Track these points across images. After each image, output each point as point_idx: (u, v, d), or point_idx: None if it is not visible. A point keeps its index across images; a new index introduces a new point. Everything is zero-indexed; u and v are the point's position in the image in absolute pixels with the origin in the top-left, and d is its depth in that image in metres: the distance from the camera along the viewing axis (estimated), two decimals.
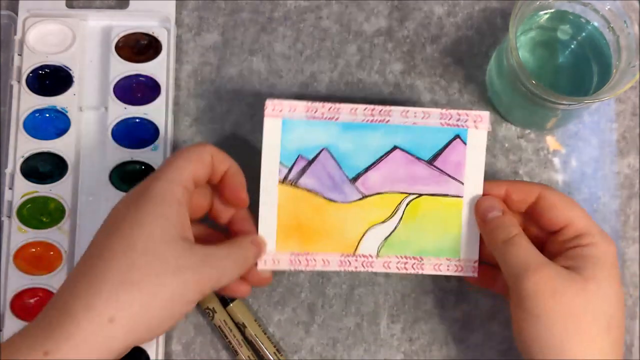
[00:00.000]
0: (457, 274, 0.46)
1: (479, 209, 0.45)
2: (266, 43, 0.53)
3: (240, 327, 0.49)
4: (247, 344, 0.49)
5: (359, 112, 0.45)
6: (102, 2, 0.54)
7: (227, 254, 0.41)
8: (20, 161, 0.50)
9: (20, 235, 0.49)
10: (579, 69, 0.48)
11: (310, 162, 0.45)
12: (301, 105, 0.44)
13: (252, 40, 0.53)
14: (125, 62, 0.51)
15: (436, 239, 0.46)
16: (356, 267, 0.46)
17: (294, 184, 0.45)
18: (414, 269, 0.46)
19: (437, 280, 0.50)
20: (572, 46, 0.48)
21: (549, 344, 0.39)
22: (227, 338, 0.49)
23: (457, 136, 0.45)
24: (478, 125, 0.45)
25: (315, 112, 0.45)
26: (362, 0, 0.53)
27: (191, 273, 0.38)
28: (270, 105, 0.44)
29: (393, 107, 0.45)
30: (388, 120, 0.45)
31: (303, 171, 0.45)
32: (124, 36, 0.51)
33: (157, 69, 0.51)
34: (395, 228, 0.46)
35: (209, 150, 0.43)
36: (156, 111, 0.51)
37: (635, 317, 0.50)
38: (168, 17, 0.52)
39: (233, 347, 0.48)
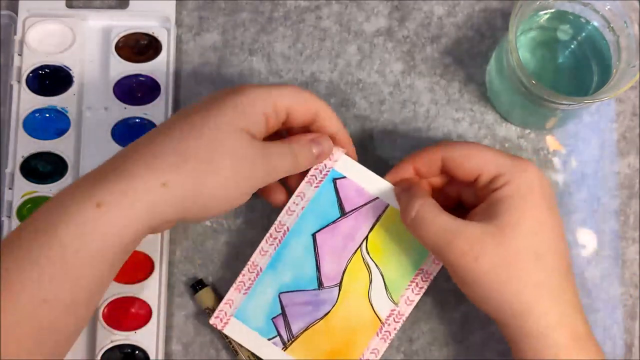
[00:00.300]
0: None
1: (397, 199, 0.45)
2: (266, 43, 0.53)
3: None
4: None
5: (266, 247, 0.46)
6: (102, 2, 0.54)
7: (280, 150, 0.42)
8: (20, 161, 0.50)
9: None
10: (579, 69, 0.48)
11: (284, 313, 0.46)
12: (232, 295, 0.46)
13: (252, 40, 0.53)
14: (125, 62, 0.51)
15: (412, 247, 0.46)
16: (395, 328, 0.46)
17: (293, 339, 0.46)
18: (424, 280, 0.47)
19: (437, 281, 0.50)
20: (572, 46, 0.48)
21: (487, 299, 0.40)
22: (227, 338, 0.48)
23: (334, 179, 0.46)
24: (335, 159, 0.46)
25: (244, 285, 0.46)
26: (362, 0, 0.53)
27: (247, 164, 0.39)
28: (216, 320, 0.46)
29: (279, 217, 0.46)
30: (287, 228, 0.46)
31: (287, 324, 0.46)
32: (124, 36, 0.51)
33: (157, 69, 0.51)
34: (382, 275, 0.47)
35: (314, 98, 0.43)
36: (156, 111, 0.51)
37: (635, 317, 0.50)
38: (168, 17, 0.52)
39: (233, 347, 0.48)
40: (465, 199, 0.45)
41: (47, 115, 0.50)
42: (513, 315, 0.40)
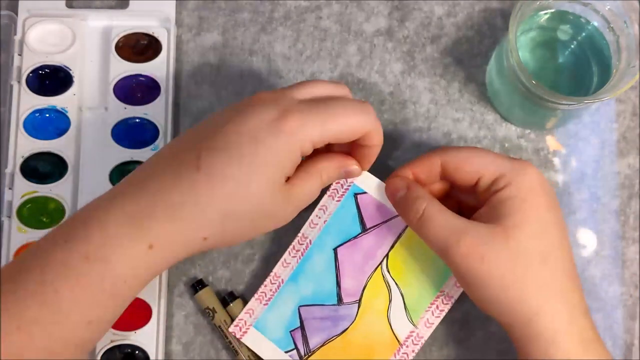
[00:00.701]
0: None
1: (387, 195, 0.45)
2: (266, 43, 0.53)
3: None
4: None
5: (288, 259, 0.46)
6: (102, 2, 0.54)
7: (312, 180, 0.41)
8: (20, 161, 0.50)
9: (20, 235, 0.49)
10: (579, 69, 0.48)
11: (302, 327, 0.46)
12: (253, 305, 0.46)
13: (252, 40, 0.53)
14: (125, 62, 0.51)
15: (433, 267, 0.46)
16: (413, 350, 0.46)
17: (310, 352, 0.46)
18: (445, 302, 0.46)
19: None
20: (572, 46, 0.48)
21: (493, 301, 0.40)
22: (227, 338, 0.48)
23: (355, 195, 0.46)
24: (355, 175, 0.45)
25: (265, 296, 0.46)
26: (362, 0, 0.53)
27: (276, 213, 0.40)
28: (235, 329, 0.46)
29: (302, 230, 0.46)
30: (310, 241, 0.46)
31: (305, 338, 0.46)
32: (124, 36, 0.51)
33: (157, 69, 0.51)
34: (402, 294, 0.46)
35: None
36: (156, 111, 0.51)
37: (635, 317, 0.50)
38: (168, 17, 0.52)
39: (233, 347, 0.48)
40: (465, 206, 0.45)
41: (47, 115, 0.50)
42: (520, 318, 0.40)
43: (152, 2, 0.52)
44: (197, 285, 0.49)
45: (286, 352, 0.46)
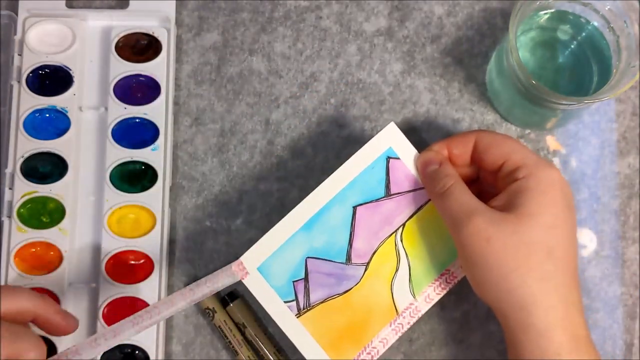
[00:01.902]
0: None
1: (418, 165, 0.45)
2: (266, 43, 0.53)
3: (240, 327, 0.49)
4: (247, 344, 0.49)
5: (306, 206, 0.45)
6: (102, 2, 0.54)
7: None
8: (20, 161, 0.50)
9: (20, 235, 0.49)
10: (579, 69, 0.48)
11: (306, 279, 0.45)
12: (260, 245, 0.44)
13: (252, 40, 0.53)
14: (125, 62, 0.51)
15: (445, 246, 0.46)
16: (409, 323, 0.46)
17: (309, 307, 0.45)
18: (449, 282, 0.46)
19: None
20: (572, 46, 0.48)
21: (492, 285, 0.40)
22: (227, 338, 0.49)
23: (388, 158, 0.46)
24: (395, 137, 0.45)
25: (274, 240, 0.45)
26: (362, 0, 0.53)
27: None
28: (238, 266, 0.44)
29: (326, 180, 0.45)
30: (332, 193, 0.45)
31: (307, 291, 0.45)
32: (124, 36, 0.51)
33: (157, 69, 0.51)
34: (409, 265, 0.46)
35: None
36: (156, 111, 0.51)
37: (635, 317, 0.50)
38: (168, 17, 0.52)
39: (233, 347, 0.48)
40: (486, 195, 0.45)
41: (47, 115, 0.50)
42: (515, 306, 0.40)
43: (152, 2, 0.52)
44: None
45: (285, 302, 0.45)
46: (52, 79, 0.51)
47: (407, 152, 0.46)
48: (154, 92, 0.51)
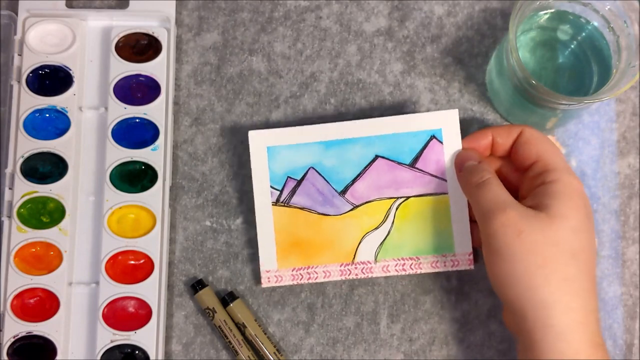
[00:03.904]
0: (454, 268, 0.48)
1: (456, 161, 0.47)
2: (266, 43, 0.53)
3: (240, 327, 0.49)
4: (247, 344, 0.49)
5: (335, 129, 0.47)
6: (102, 2, 0.54)
7: None
8: (20, 161, 0.50)
9: (20, 235, 0.49)
10: (579, 69, 0.48)
11: (299, 182, 0.47)
12: (283, 132, 0.46)
13: (252, 40, 0.53)
14: (125, 62, 0.51)
15: (430, 237, 0.47)
16: (356, 275, 0.47)
17: (287, 204, 0.47)
18: (412, 269, 0.48)
19: (437, 280, 0.50)
20: (572, 46, 0.48)
21: (515, 280, 0.41)
22: (227, 338, 0.49)
23: (433, 136, 0.47)
24: (450, 123, 0.47)
25: (296, 136, 0.47)
26: (362, 0, 0.53)
27: None
28: (254, 135, 0.47)
29: (368, 120, 0.47)
30: (366, 133, 0.47)
31: (293, 191, 0.47)
32: (124, 36, 0.51)
33: (157, 69, 0.51)
34: (389, 232, 0.47)
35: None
36: (156, 111, 0.51)
37: (635, 317, 0.50)
38: (168, 17, 0.52)
39: (233, 347, 0.48)
40: (514, 187, 0.47)
41: (47, 115, 0.50)
42: (538, 305, 0.40)
43: (152, 2, 0.52)
44: (197, 285, 0.49)
45: (271, 186, 0.47)
46: (52, 79, 0.51)
47: (452, 142, 0.47)
48: (154, 92, 0.51)
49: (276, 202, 0.47)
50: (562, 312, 0.39)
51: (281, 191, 0.47)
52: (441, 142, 0.47)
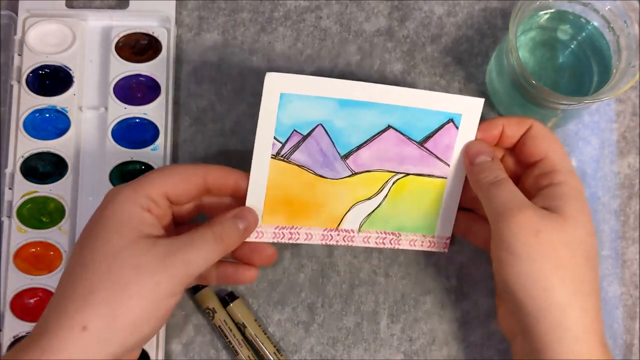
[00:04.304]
0: (429, 249, 0.48)
1: (468, 151, 0.45)
2: (266, 43, 0.53)
3: (240, 327, 0.49)
4: (247, 344, 0.49)
5: (357, 89, 0.44)
6: (102, 2, 0.54)
7: (196, 238, 0.40)
8: (20, 161, 0.50)
9: (20, 235, 0.49)
10: (579, 69, 0.48)
11: (305, 138, 0.45)
12: (301, 79, 0.43)
13: (252, 40, 0.53)
14: (125, 62, 0.51)
15: (416, 216, 0.47)
16: (337, 242, 0.47)
17: (287, 159, 0.45)
18: (391, 244, 0.48)
19: (437, 280, 0.51)
20: (572, 46, 0.48)
21: (531, 281, 0.40)
22: (227, 338, 0.49)
23: (451, 120, 0.45)
24: (472, 111, 0.45)
25: (314, 87, 0.44)
26: (362, 0, 0.53)
27: (154, 269, 0.38)
28: (271, 78, 0.43)
29: (391, 87, 0.44)
30: (385, 100, 0.45)
31: (297, 146, 0.45)
32: (124, 36, 0.51)
33: (157, 69, 0.51)
34: (380, 205, 0.47)
35: (201, 172, 0.43)
36: (156, 111, 0.51)
37: (635, 317, 0.50)
38: (168, 17, 0.52)
39: (233, 347, 0.48)
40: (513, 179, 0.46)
41: (47, 115, 0.50)
42: (554, 306, 0.39)
43: (152, 2, 0.52)
44: (197, 285, 0.49)
45: (274, 137, 0.44)
46: (52, 79, 0.51)
47: (468, 131, 0.46)
48: (154, 92, 0.51)
49: (276, 155, 0.44)
50: (578, 314, 0.39)
51: (284, 144, 0.44)
52: (457, 128, 0.45)
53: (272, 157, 0.44)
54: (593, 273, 0.41)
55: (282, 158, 0.45)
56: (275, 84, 0.43)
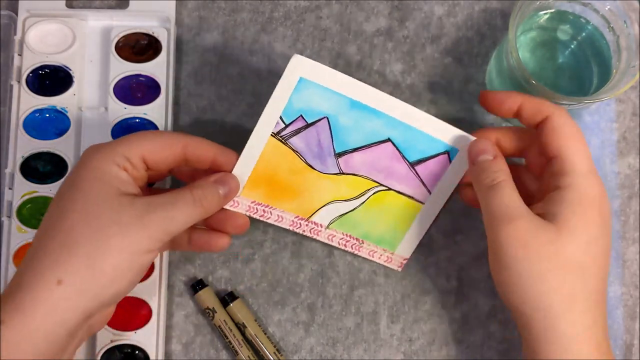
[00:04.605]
0: (385, 264, 0.50)
1: (471, 150, 0.44)
2: (266, 43, 0.53)
3: (240, 327, 0.49)
4: (247, 344, 0.49)
5: (371, 95, 0.44)
6: (102, 2, 0.54)
7: (176, 198, 0.41)
8: (20, 161, 0.50)
9: (20, 235, 0.49)
10: (579, 69, 0.48)
11: (308, 126, 0.45)
12: (323, 69, 0.44)
13: (252, 40, 0.53)
14: (125, 62, 0.51)
15: (384, 230, 0.48)
16: (304, 231, 0.48)
17: (284, 140, 0.45)
18: (352, 248, 0.49)
19: (437, 280, 0.51)
20: (572, 46, 0.48)
21: (519, 290, 0.40)
22: (227, 338, 0.49)
23: (447, 152, 0.46)
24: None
25: (333, 81, 0.44)
26: (362, 0, 0.53)
27: (133, 225, 0.39)
28: (295, 60, 0.43)
29: (403, 104, 0.45)
30: (394, 114, 0.45)
31: (298, 131, 0.45)
32: (124, 36, 0.51)
33: (157, 69, 0.51)
34: (354, 209, 0.48)
35: (181, 141, 0.43)
36: (156, 111, 0.51)
37: (635, 317, 0.50)
38: (168, 17, 0.52)
39: (233, 347, 0.48)
40: (523, 194, 0.44)
41: (47, 115, 0.50)
42: (543, 312, 0.39)
43: (152, 2, 0.52)
44: (197, 285, 0.49)
45: (281, 117, 0.44)
46: (52, 79, 0.51)
47: (459, 168, 0.46)
48: (154, 92, 0.51)
49: (276, 134, 0.45)
50: (567, 325, 0.39)
51: (287, 126, 0.45)
52: (450, 162, 0.46)
53: (272, 135, 0.45)
54: (588, 284, 0.40)
55: (280, 138, 0.45)
56: (298, 66, 0.43)
